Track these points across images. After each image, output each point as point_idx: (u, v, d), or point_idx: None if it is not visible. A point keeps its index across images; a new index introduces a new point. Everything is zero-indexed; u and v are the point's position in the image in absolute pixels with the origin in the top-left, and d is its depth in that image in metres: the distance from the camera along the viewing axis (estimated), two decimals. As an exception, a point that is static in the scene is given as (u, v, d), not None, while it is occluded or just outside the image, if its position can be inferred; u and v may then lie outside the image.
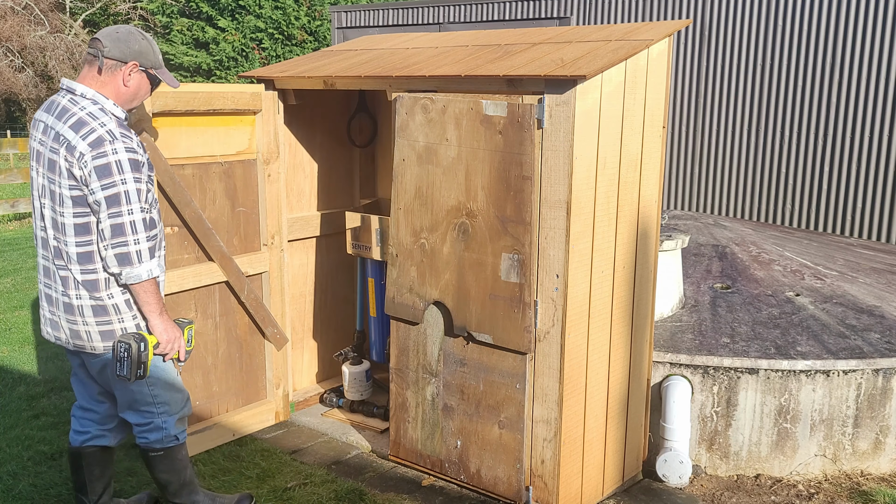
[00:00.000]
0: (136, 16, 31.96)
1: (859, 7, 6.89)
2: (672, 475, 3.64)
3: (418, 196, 3.38)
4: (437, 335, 3.45)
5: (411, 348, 3.55)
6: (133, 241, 2.67)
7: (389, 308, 3.55)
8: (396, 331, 3.59)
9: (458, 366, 3.42)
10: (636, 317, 3.51)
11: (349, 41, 4.59)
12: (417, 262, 3.43)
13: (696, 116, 7.89)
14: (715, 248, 5.23)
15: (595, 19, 8.45)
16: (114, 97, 2.77)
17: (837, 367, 3.73)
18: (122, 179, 2.63)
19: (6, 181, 11.09)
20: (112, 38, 2.75)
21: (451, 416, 3.48)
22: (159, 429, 2.96)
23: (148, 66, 2.80)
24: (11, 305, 6.68)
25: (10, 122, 33.05)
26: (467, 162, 3.22)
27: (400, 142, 3.41)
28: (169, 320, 2.83)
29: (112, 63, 2.74)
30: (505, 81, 3.11)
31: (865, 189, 7.00)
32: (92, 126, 2.65)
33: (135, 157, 2.67)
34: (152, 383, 2.91)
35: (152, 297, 2.75)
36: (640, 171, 3.38)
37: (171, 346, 2.85)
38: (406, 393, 3.60)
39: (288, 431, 4.18)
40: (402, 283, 3.48)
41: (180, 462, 3.05)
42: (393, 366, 3.64)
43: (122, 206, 2.64)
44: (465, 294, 3.30)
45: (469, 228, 3.25)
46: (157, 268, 2.74)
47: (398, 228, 3.46)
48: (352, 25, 10.53)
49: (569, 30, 3.69)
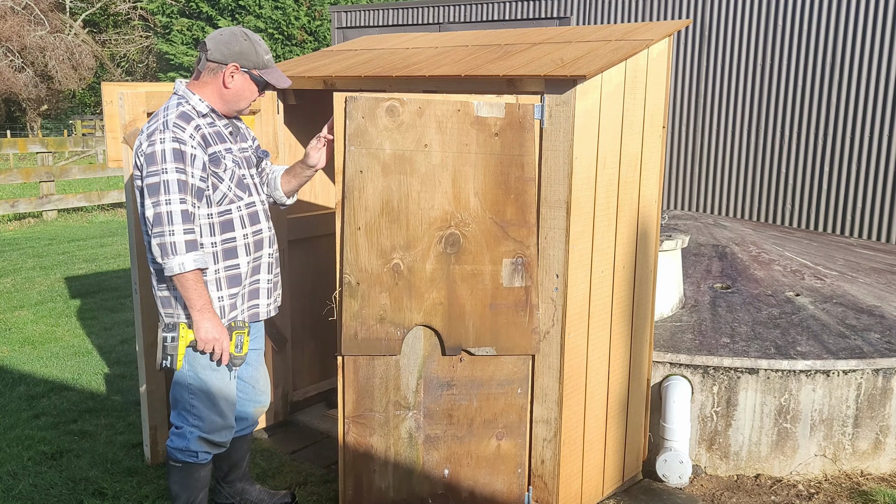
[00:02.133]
0: (136, 16, 31.96)
1: (859, 7, 6.89)
2: (672, 475, 3.64)
3: (386, 212, 2.97)
4: (416, 363, 3.07)
5: (377, 387, 3.08)
6: (169, 231, 2.61)
7: (350, 347, 2.99)
8: (354, 372, 3.05)
9: (443, 390, 3.11)
10: (636, 317, 3.51)
11: (349, 41, 4.59)
12: (389, 287, 2.99)
13: (696, 116, 7.89)
14: (715, 248, 5.23)
15: (595, 19, 8.45)
16: (214, 98, 2.80)
17: (837, 367, 3.73)
18: (163, 169, 2.61)
19: (6, 181, 11.09)
20: (215, 40, 2.77)
21: (435, 447, 3.16)
22: (184, 437, 2.89)
23: (250, 66, 2.79)
24: (11, 305, 6.68)
25: (10, 122, 33.04)
26: (454, 168, 2.98)
27: (354, 150, 2.92)
28: (213, 318, 2.72)
29: (214, 65, 2.76)
30: (505, 81, 3.11)
31: (865, 189, 7.00)
32: (158, 116, 2.71)
33: (180, 147, 2.64)
34: (193, 392, 2.85)
35: (190, 293, 2.66)
36: (640, 171, 3.38)
37: (208, 345, 2.73)
38: (370, 440, 3.12)
39: (288, 431, 4.18)
40: (367, 314, 2.99)
41: (196, 482, 2.95)
42: (349, 414, 3.09)
43: (160, 195, 2.61)
44: (459, 311, 3.04)
45: (460, 239, 3.01)
46: (191, 262, 2.63)
47: (356, 252, 2.96)
48: (352, 25, 10.53)
49: (569, 30, 3.69)
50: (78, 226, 11.31)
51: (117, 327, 6.05)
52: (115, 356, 5.37)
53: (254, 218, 2.92)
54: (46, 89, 30.68)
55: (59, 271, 8.01)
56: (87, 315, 6.40)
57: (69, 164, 15.72)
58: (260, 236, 2.94)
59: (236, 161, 2.86)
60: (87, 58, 30.18)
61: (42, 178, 11.30)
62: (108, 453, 3.87)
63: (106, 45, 32.53)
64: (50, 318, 6.29)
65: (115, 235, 10.32)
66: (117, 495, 3.47)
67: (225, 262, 2.82)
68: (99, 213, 12.28)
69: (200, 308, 2.69)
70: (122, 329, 6.00)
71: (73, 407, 4.47)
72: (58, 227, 11.10)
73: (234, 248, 2.84)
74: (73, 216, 12.04)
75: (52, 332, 5.92)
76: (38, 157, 12.01)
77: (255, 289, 2.96)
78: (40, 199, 11.31)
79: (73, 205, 11.67)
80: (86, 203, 11.79)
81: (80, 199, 11.74)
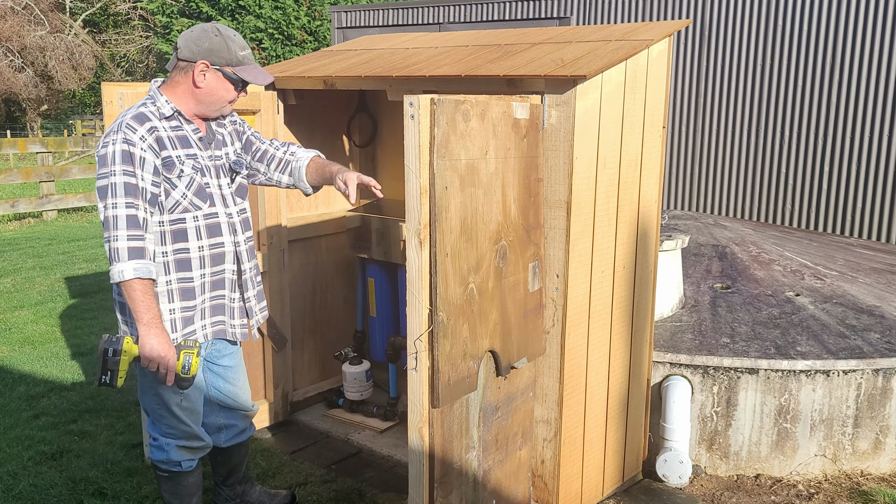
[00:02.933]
0: (136, 16, 31.95)
1: (859, 7, 6.89)
2: (672, 475, 3.64)
3: (463, 231, 2.59)
4: (478, 395, 2.75)
5: (455, 435, 2.68)
6: (113, 236, 2.46)
7: (446, 397, 2.57)
8: (441, 425, 2.59)
9: (493, 416, 2.84)
10: (636, 317, 3.51)
11: (349, 41, 4.59)
12: (468, 316, 2.63)
13: (696, 116, 7.89)
14: (715, 248, 5.23)
15: (595, 19, 8.45)
16: (186, 98, 2.66)
17: (837, 367, 3.73)
18: (112, 171, 2.48)
19: (6, 181, 11.09)
20: (185, 37, 2.63)
21: (488, 480, 2.87)
22: (162, 450, 2.81)
23: (222, 63, 2.62)
24: (11, 305, 6.68)
25: (10, 122, 33.03)
26: (502, 175, 2.74)
27: (441, 164, 2.46)
28: (160, 335, 2.51)
29: (184, 64, 2.63)
30: (505, 81, 3.11)
31: (865, 189, 7.00)
32: (118, 117, 2.60)
33: (129, 149, 2.49)
34: (159, 403, 2.73)
35: (136, 304, 2.48)
36: (640, 171, 3.38)
37: (152, 364, 2.53)
38: (450, 499, 2.73)
39: (288, 431, 4.18)
40: (455, 353, 2.58)
41: (185, 489, 2.90)
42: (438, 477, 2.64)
43: (108, 198, 2.48)
44: (508, 325, 2.81)
45: (507, 251, 2.77)
46: (131, 270, 2.44)
47: (446, 283, 2.51)
48: (352, 25, 10.53)
49: (569, 30, 3.69)
50: (78, 226, 11.32)
51: (117, 327, 6.05)
52: (115, 356, 5.37)
53: (213, 230, 2.71)
54: (46, 89, 30.68)
55: (59, 271, 8.01)
56: (87, 315, 6.40)
57: (69, 164, 15.71)
58: (220, 250, 2.74)
59: (198, 168, 2.67)
60: (87, 58, 30.19)
61: (42, 178, 11.30)
62: (108, 453, 3.87)
63: (106, 45, 32.54)
64: (50, 318, 6.29)
65: (115, 235, 10.31)
66: (117, 495, 3.47)
67: (177, 274, 2.65)
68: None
69: (147, 322, 2.49)
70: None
71: (73, 407, 4.47)
72: (58, 227, 11.10)
73: (187, 259, 2.66)
74: (73, 216, 12.04)
75: (52, 332, 5.92)
76: (38, 157, 12.01)
77: (219, 304, 2.78)
78: (40, 199, 11.31)
79: (73, 205, 11.67)
80: (86, 203, 11.79)
81: (80, 199, 11.74)
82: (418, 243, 2.47)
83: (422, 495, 2.62)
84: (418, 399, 2.55)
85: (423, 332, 2.51)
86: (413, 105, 2.39)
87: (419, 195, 2.44)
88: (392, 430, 4.12)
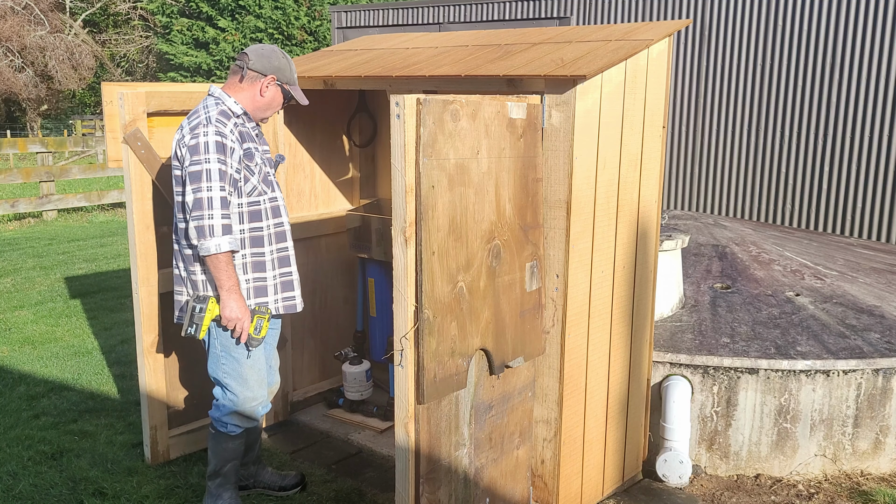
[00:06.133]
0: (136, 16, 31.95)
1: (859, 7, 6.89)
2: (672, 475, 3.64)
3: (452, 230, 2.62)
4: (469, 393, 2.79)
5: (443, 432, 2.71)
6: (208, 215, 2.85)
7: (431, 393, 2.59)
8: (427, 422, 2.62)
9: (487, 414, 2.87)
10: (636, 317, 3.51)
11: (349, 41, 4.59)
12: (457, 314, 2.66)
13: (696, 116, 7.89)
14: (715, 248, 5.23)
15: (595, 19, 8.45)
16: (248, 103, 3.09)
17: (837, 367, 3.73)
18: (206, 158, 2.87)
19: (6, 181, 11.09)
20: (257, 53, 3.09)
21: (480, 478, 2.89)
22: (218, 409, 3.15)
23: (284, 81, 3.12)
24: (11, 305, 6.68)
25: (10, 122, 33.04)
26: (496, 174, 2.76)
27: (427, 163, 2.48)
28: (239, 300, 2.94)
29: (254, 74, 3.08)
30: (505, 81, 3.11)
31: (865, 189, 7.00)
32: (198, 112, 2.97)
33: (222, 140, 2.90)
34: (225, 369, 3.10)
35: (220, 273, 2.89)
36: (640, 171, 3.38)
37: (231, 323, 2.96)
38: (439, 494, 2.76)
39: (288, 431, 4.18)
40: (442, 350, 2.62)
41: (224, 452, 3.20)
42: (424, 472, 2.67)
43: (202, 182, 2.86)
44: (502, 324, 2.84)
45: (501, 250, 2.82)
46: (227, 244, 2.86)
47: (432, 281, 2.55)
48: (352, 25, 10.53)
49: (569, 30, 3.69)
50: (78, 226, 11.31)
51: (117, 327, 6.05)
52: (115, 356, 5.37)
53: (276, 211, 3.15)
54: (46, 89, 30.67)
55: (59, 271, 8.01)
56: (87, 315, 6.40)
57: (69, 164, 15.72)
58: (282, 229, 3.18)
59: (263, 159, 3.13)
60: (87, 58, 30.18)
61: (42, 178, 11.30)
62: (109, 453, 3.87)
63: (106, 45, 32.53)
64: (50, 318, 6.29)
65: (115, 235, 10.32)
66: (117, 495, 3.47)
67: (251, 249, 3.07)
68: (99, 213, 12.28)
69: (229, 288, 2.92)
70: (122, 329, 6.00)
71: (73, 407, 4.47)
72: (58, 227, 11.10)
73: (260, 236, 3.08)
74: (73, 216, 12.04)
75: (52, 332, 5.92)
76: (38, 157, 12.01)
77: (288, 280, 3.19)
78: (40, 199, 11.31)
79: (73, 205, 11.67)
80: (86, 203, 11.79)
81: (80, 199, 11.74)
82: (404, 241, 2.51)
83: (407, 490, 2.67)
84: (404, 395, 2.60)
85: (409, 329, 2.55)
86: (399, 105, 2.42)
87: (405, 194, 2.48)
88: (392, 430, 4.12)
